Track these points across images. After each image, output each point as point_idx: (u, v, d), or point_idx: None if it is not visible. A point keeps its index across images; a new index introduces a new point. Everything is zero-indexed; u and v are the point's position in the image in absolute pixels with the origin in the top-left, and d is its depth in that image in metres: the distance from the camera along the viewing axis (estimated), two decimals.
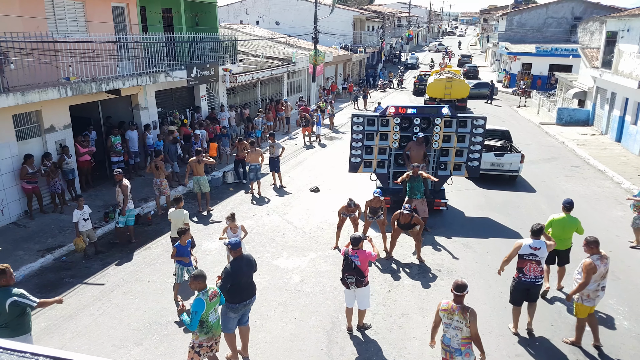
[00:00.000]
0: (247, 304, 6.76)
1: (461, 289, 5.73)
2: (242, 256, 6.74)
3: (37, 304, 5.93)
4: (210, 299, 5.90)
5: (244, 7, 44.20)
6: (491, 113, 27.62)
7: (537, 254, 7.26)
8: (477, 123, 12.28)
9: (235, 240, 6.79)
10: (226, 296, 6.45)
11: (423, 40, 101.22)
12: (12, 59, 10.34)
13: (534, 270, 7.31)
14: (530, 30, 48.60)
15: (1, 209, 11.40)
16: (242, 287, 6.62)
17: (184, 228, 8.45)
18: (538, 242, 7.29)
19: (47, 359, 1.39)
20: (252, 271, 6.80)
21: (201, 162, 12.76)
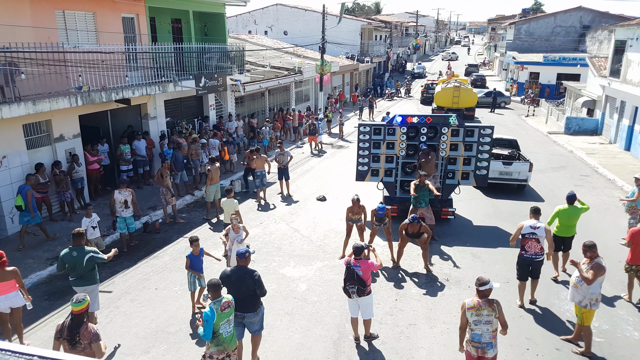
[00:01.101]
0: (241, 317, 6.53)
1: (484, 284, 5.90)
2: (239, 268, 6.53)
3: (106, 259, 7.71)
4: (222, 309, 5.73)
5: (253, 17, 44.58)
6: (499, 122, 27.55)
7: (537, 232, 8.35)
8: (485, 132, 12.26)
9: (244, 249, 6.71)
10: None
11: (430, 50, 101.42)
12: (23, 68, 10.49)
13: (534, 247, 8.38)
14: (538, 40, 48.54)
15: (11, 217, 11.51)
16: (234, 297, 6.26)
17: (195, 237, 8.38)
18: (537, 223, 8.41)
19: None
20: (243, 287, 6.43)
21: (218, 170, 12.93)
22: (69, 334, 5.34)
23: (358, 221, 10.63)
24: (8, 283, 7.10)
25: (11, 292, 7.16)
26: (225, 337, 5.82)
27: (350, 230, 10.69)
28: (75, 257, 7.40)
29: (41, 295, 9.11)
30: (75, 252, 7.44)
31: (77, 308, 5.40)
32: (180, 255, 10.83)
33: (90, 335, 5.37)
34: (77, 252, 7.43)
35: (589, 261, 7.18)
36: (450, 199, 12.91)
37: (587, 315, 7.17)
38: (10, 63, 10.26)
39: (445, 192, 12.68)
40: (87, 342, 5.36)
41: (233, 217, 9.24)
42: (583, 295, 7.10)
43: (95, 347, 5.38)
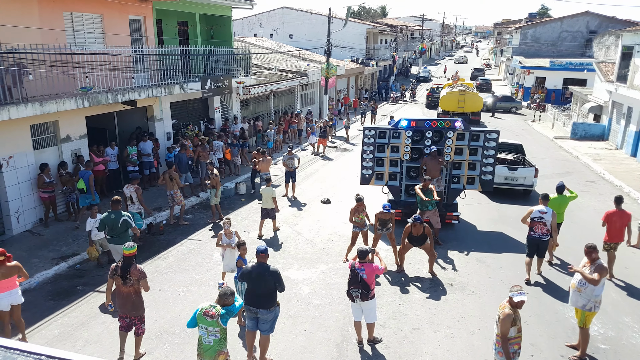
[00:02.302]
0: (253, 312, 6.81)
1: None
2: (261, 264, 6.80)
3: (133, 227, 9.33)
4: (203, 313, 5.76)
5: (259, 20, 44.71)
6: (505, 127, 27.48)
7: (544, 217, 9.61)
8: (490, 136, 12.23)
9: (262, 246, 6.94)
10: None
11: (436, 54, 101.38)
12: (31, 70, 10.57)
13: (541, 229, 9.66)
14: (545, 44, 48.43)
15: (17, 216, 11.58)
16: (249, 291, 6.83)
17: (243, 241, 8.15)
18: (545, 209, 9.67)
19: None
20: (262, 282, 6.71)
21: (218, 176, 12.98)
22: (122, 272, 6.69)
23: (362, 227, 10.61)
24: (10, 280, 7.17)
25: (13, 289, 7.21)
26: (202, 342, 5.86)
27: (355, 237, 10.67)
28: (113, 219, 9.05)
29: (46, 294, 9.15)
30: (113, 215, 9.09)
31: (128, 252, 6.74)
32: (184, 257, 10.86)
33: (138, 273, 6.72)
34: (114, 215, 9.09)
35: (590, 263, 7.18)
36: (455, 203, 12.87)
37: (590, 318, 7.21)
38: (18, 64, 10.33)
39: (450, 196, 12.66)
40: (135, 278, 6.72)
41: (226, 222, 9.17)
42: (587, 298, 7.09)
43: (142, 282, 6.79)
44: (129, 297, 6.81)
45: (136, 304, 6.90)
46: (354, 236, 10.67)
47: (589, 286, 7.03)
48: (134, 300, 6.84)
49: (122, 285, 6.76)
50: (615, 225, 9.71)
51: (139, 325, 7.05)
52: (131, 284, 6.74)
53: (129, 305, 6.85)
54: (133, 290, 6.79)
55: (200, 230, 12.55)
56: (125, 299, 6.82)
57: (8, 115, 10.02)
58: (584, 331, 7.32)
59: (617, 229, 9.72)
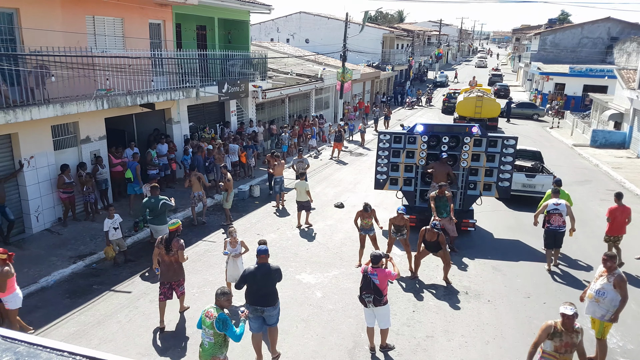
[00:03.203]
0: (260, 311, 6.89)
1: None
2: (263, 265, 6.92)
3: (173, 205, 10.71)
4: (205, 314, 5.89)
5: (276, 25, 44.96)
6: (522, 133, 27.17)
7: (559, 208, 10.27)
8: (508, 143, 12.12)
9: (263, 247, 7.04)
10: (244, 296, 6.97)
11: (453, 59, 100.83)
12: (53, 71, 10.76)
13: (557, 220, 10.28)
14: (564, 50, 47.85)
15: (36, 215, 11.78)
16: (254, 292, 6.87)
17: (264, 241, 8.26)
18: (559, 200, 10.41)
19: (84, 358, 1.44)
20: (268, 282, 6.86)
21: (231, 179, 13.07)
22: (165, 243, 7.94)
23: (370, 230, 10.55)
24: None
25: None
26: (202, 342, 5.95)
27: (363, 240, 10.62)
28: (153, 203, 10.41)
29: (63, 293, 9.29)
30: (153, 199, 10.43)
31: (172, 227, 8.10)
32: (198, 258, 10.94)
33: (178, 245, 7.91)
34: (154, 200, 10.42)
35: (607, 272, 7.03)
36: (471, 209, 12.77)
37: (608, 329, 7.08)
38: (41, 66, 10.54)
39: (466, 203, 12.55)
40: (176, 249, 7.87)
41: (232, 230, 9.00)
42: (606, 309, 6.95)
43: (180, 253, 7.93)
44: (170, 265, 7.96)
45: (176, 271, 8.06)
46: (362, 239, 10.62)
47: (607, 296, 6.90)
48: (175, 268, 8.01)
49: (165, 255, 7.96)
50: (618, 219, 10.34)
51: (178, 289, 8.17)
52: (173, 254, 7.92)
53: (171, 272, 8.00)
54: (174, 259, 7.94)
55: (215, 232, 12.62)
56: (167, 267, 7.97)
57: (30, 115, 10.22)
58: (601, 343, 7.18)
59: (619, 223, 10.35)
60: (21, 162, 11.22)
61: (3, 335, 1.53)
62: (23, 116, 10.06)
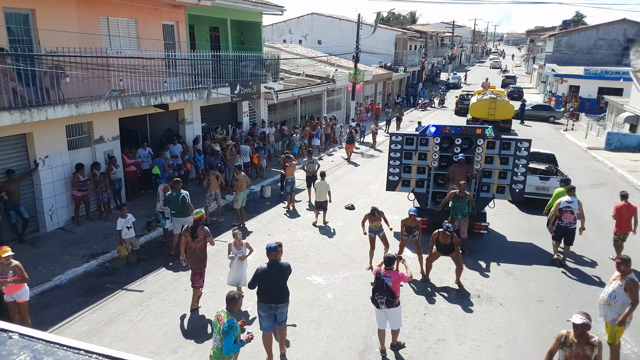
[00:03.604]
0: (274, 308, 6.93)
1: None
2: (275, 261, 6.97)
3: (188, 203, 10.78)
4: (217, 318, 5.80)
5: (288, 26, 45.08)
6: (536, 136, 26.90)
7: (571, 206, 10.67)
8: (522, 145, 12.00)
9: (272, 244, 7.08)
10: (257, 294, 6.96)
11: (466, 60, 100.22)
12: (68, 72, 10.88)
13: (569, 217, 10.68)
14: (579, 52, 47.29)
15: (50, 214, 11.91)
16: (269, 290, 6.89)
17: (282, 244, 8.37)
18: (571, 199, 10.70)
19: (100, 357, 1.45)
20: (282, 278, 6.94)
21: (246, 178, 13.07)
22: (191, 231, 8.45)
23: (379, 231, 10.50)
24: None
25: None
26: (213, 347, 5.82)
27: (373, 241, 10.57)
28: (175, 197, 10.71)
29: (76, 291, 9.37)
30: (175, 193, 10.73)
31: (196, 216, 8.58)
32: (209, 258, 10.90)
33: (204, 233, 8.46)
34: (175, 193, 10.73)
35: (620, 276, 6.94)
36: (484, 212, 12.66)
37: (619, 334, 6.98)
38: (56, 66, 10.67)
39: (479, 205, 12.45)
40: (202, 237, 8.42)
41: (236, 233, 8.96)
42: (618, 312, 6.86)
43: (209, 239, 8.52)
44: (194, 252, 8.48)
45: (200, 258, 8.55)
46: (371, 240, 10.57)
47: (619, 300, 6.82)
48: (198, 255, 8.51)
49: (190, 242, 8.48)
50: (624, 217, 10.69)
51: (198, 278, 8.58)
52: (198, 241, 8.43)
53: (194, 259, 8.52)
54: (199, 246, 8.46)
55: (227, 232, 12.64)
56: (192, 253, 8.50)
57: (46, 115, 10.34)
58: (613, 348, 7.09)
59: (626, 221, 10.70)
60: (36, 162, 11.36)
61: (21, 332, 1.54)
62: (39, 116, 10.18)
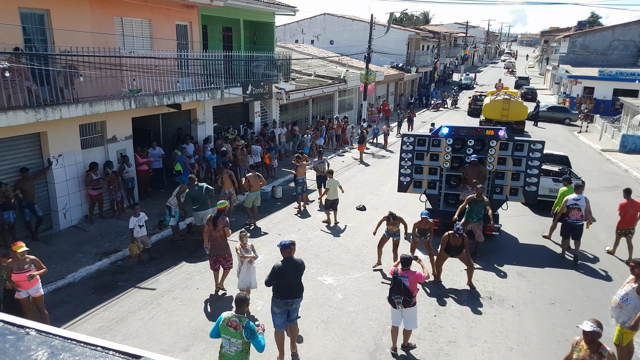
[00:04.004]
0: (290, 304, 7.04)
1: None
2: (290, 258, 7.05)
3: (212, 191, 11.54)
4: (226, 324, 5.59)
5: (300, 27, 45.13)
6: (549, 137, 26.63)
7: (578, 203, 11.02)
8: (535, 147, 11.88)
9: (286, 241, 7.17)
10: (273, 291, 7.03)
11: (479, 61, 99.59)
12: (82, 71, 11.00)
13: (576, 214, 11.03)
14: (594, 53, 46.72)
15: (64, 212, 12.04)
16: (286, 286, 6.99)
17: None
18: (579, 196, 11.09)
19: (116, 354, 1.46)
20: (298, 274, 7.07)
21: (260, 178, 13.07)
22: (213, 220, 9.06)
23: (395, 235, 10.45)
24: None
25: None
26: (223, 352, 5.71)
27: (384, 240, 10.52)
28: (197, 191, 11.17)
29: (89, 289, 9.47)
30: (196, 187, 11.20)
31: (221, 206, 9.26)
32: None
33: (224, 222, 9.06)
34: (197, 187, 11.20)
35: (634, 279, 6.87)
36: (497, 214, 12.56)
37: (627, 337, 6.92)
38: (70, 66, 10.79)
39: (492, 207, 12.34)
40: (222, 226, 8.99)
41: (243, 235, 8.79)
42: (628, 315, 6.82)
43: (226, 229, 9.07)
44: (216, 240, 9.06)
45: (222, 246, 9.12)
46: (383, 239, 10.52)
47: (630, 303, 6.76)
48: (220, 243, 9.08)
49: (212, 230, 9.05)
50: (629, 213, 11.12)
51: (224, 262, 9.22)
52: (219, 230, 9.00)
53: (217, 247, 9.08)
54: (220, 234, 9.03)
55: (237, 232, 12.64)
56: (214, 241, 9.08)
57: (60, 114, 10.46)
58: (619, 349, 7.04)
59: (630, 217, 11.14)
60: (50, 160, 11.49)
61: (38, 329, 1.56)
62: (53, 115, 10.30)
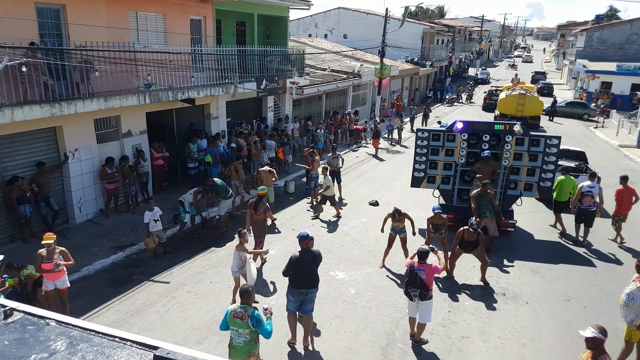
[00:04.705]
0: (305, 294, 7.23)
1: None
2: (308, 249, 7.24)
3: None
4: (233, 315, 5.68)
5: (314, 21, 44.99)
6: (565, 133, 26.28)
7: (592, 190, 11.58)
8: (551, 142, 11.75)
9: (304, 232, 7.37)
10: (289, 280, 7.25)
11: (494, 55, 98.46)
12: (97, 66, 11.09)
13: (588, 201, 11.58)
14: (611, 48, 45.90)
15: (79, 206, 12.19)
16: (302, 276, 7.19)
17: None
18: (593, 184, 11.67)
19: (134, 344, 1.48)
20: (314, 265, 7.24)
21: (272, 173, 13.10)
22: (254, 205, 10.00)
23: (401, 232, 10.40)
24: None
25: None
26: (233, 344, 5.80)
27: (392, 240, 10.43)
28: (221, 186, 12.03)
29: (104, 282, 9.59)
30: (219, 182, 12.05)
31: (261, 192, 10.37)
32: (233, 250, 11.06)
33: (264, 207, 10.00)
34: (220, 183, 12.04)
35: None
36: (511, 210, 12.46)
37: (636, 334, 6.88)
38: (85, 61, 10.89)
39: (506, 203, 12.25)
40: (262, 211, 9.91)
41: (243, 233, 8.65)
42: (635, 313, 6.81)
43: (268, 213, 10.29)
44: (256, 224, 10.01)
45: (260, 229, 10.06)
46: (391, 239, 10.43)
47: (637, 301, 6.75)
48: (259, 225, 10.03)
49: (254, 214, 9.96)
50: (625, 199, 11.69)
51: (259, 244, 10.07)
52: (259, 214, 9.91)
53: (257, 229, 10.06)
54: (261, 218, 9.98)
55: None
56: (255, 224, 10.05)
57: (75, 109, 10.57)
58: (628, 344, 7.05)
59: (626, 203, 11.72)
60: (66, 155, 11.63)
61: (58, 320, 1.58)
62: (68, 109, 10.42)
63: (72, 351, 1.42)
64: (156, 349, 1.45)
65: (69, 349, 1.43)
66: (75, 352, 1.42)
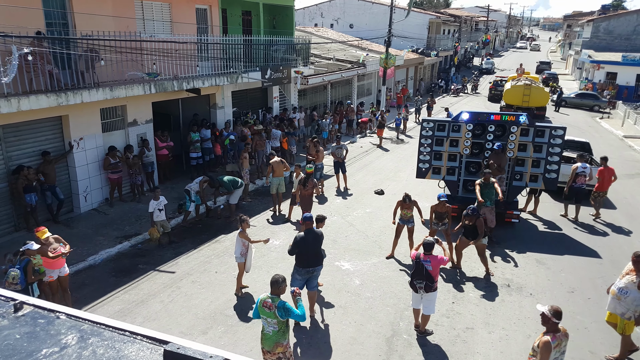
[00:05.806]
0: (311, 272, 7.71)
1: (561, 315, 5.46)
2: (311, 229, 7.73)
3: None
4: (262, 304, 5.70)
5: (320, 10, 44.68)
6: (570, 123, 26.09)
7: (585, 171, 12.58)
8: (556, 133, 11.67)
9: (308, 214, 7.92)
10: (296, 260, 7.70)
11: (500, 45, 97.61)
12: (103, 55, 11.06)
13: (581, 180, 12.57)
14: (618, 38, 45.43)
15: (85, 195, 12.23)
16: (308, 255, 7.65)
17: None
18: (584, 165, 12.68)
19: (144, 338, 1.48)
20: (318, 243, 7.72)
21: (283, 164, 13.10)
22: (304, 182, 11.30)
23: (409, 222, 10.38)
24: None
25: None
26: (264, 332, 5.81)
27: (400, 230, 10.41)
28: (230, 180, 12.27)
29: (109, 272, 9.64)
30: (227, 179, 12.26)
31: (309, 170, 11.50)
32: None
33: (312, 183, 11.38)
34: (228, 178, 12.31)
35: (635, 272, 6.81)
36: (516, 200, 12.42)
37: (630, 327, 6.92)
38: (91, 50, 10.85)
39: (511, 194, 12.21)
40: (311, 186, 11.33)
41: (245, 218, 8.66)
42: (627, 307, 6.82)
43: (316, 189, 11.70)
44: (304, 198, 11.36)
45: (306, 203, 11.34)
46: (399, 229, 10.41)
47: (629, 296, 6.75)
48: (306, 199, 11.35)
49: (302, 189, 11.27)
50: (605, 178, 12.75)
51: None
52: (307, 190, 11.27)
53: (304, 203, 11.34)
54: (308, 194, 11.34)
55: (256, 216, 12.77)
56: (302, 199, 11.38)
57: (81, 98, 10.57)
58: (625, 338, 7.05)
59: (606, 181, 12.80)
60: (71, 144, 11.65)
61: (68, 313, 1.59)
62: (74, 99, 10.41)
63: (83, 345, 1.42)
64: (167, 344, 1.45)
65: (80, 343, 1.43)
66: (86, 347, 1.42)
